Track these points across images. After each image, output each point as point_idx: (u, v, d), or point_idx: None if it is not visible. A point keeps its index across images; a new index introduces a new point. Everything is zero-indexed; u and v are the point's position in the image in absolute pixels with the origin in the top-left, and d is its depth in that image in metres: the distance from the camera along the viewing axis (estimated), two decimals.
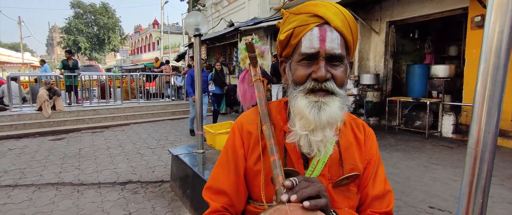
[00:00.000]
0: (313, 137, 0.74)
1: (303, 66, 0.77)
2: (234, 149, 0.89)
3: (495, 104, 0.69)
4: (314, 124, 0.73)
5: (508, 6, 0.66)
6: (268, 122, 0.84)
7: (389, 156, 4.72)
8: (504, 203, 3.02)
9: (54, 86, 7.88)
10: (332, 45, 0.75)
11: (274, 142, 0.79)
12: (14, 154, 5.27)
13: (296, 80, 0.78)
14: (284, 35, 0.80)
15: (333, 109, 0.74)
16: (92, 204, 3.27)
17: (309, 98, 0.74)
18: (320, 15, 0.76)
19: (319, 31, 0.75)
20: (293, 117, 0.78)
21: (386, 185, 0.88)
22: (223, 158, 0.91)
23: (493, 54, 0.68)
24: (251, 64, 1.07)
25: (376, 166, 0.88)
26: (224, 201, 0.85)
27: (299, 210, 0.60)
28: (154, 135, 6.87)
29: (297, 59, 0.78)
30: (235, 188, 0.86)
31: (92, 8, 41.78)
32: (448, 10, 6.25)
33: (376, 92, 7.38)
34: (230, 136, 0.93)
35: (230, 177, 0.87)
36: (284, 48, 0.83)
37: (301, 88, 0.76)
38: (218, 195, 0.86)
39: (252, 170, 0.87)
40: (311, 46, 0.75)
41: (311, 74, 0.75)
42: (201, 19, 3.34)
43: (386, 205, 0.85)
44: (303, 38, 0.76)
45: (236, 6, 13.21)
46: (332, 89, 0.75)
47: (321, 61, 0.75)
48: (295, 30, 0.78)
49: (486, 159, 0.71)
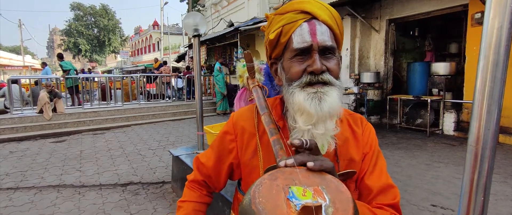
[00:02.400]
0: (315, 130, 0.73)
1: (297, 62, 0.76)
2: (223, 142, 0.93)
3: (495, 101, 0.68)
4: (316, 116, 0.71)
5: (507, 2, 0.65)
6: (267, 111, 0.83)
7: (391, 154, 4.71)
8: (507, 201, 3.01)
9: (55, 88, 7.89)
10: (324, 38, 0.75)
11: (272, 126, 0.78)
12: (16, 157, 5.28)
13: (292, 77, 0.77)
14: (273, 34, 0.80)
15: (334, 99, 0.73)
16: (94, 205, 3.27)
17: (307, 90, 0.74)
18: (307, 11, 0.77)
19: (309, 26, 0.76)
20: (293, 114, 0.76)
21: (388, 179, 0.85)
22: (215, 143, 0.97)
23: (493, 51, 0.67)
24: (249, 75, 1.08)
25: (375, 158, 0.86)
26: (205, 176, 0.97)
27: (304, 171, 0.58)
28: (155, 136, 6.87)
29: (290, 57, 0.78)
30: (216, 173, 0.95)
31: (92, 10, 41.81)
32: (448, 7, 6.23)
33: (377, 91, 7.36)
34: (224, 128, 0.95)
35: (214, 161, 0.94)
36: (273, 49, 0.83)
37: (297, 83, 0.75)
38: (202, 169, 0.97)
39: (248, 165, 0.87)
40: (303, 41, 0.75)
41: (306, 69, 0.75)
42: (199, 20, 3.33)
43: (391, 198, 0.82)
44: (293, 35, 0.76)
45: (235, 6, 13.20)
46: (329, 80, 0.74)
47: (315, 54, 0.74)
48: (284, 28, 0.78)
49: (487, 156, 0.71)
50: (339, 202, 0.53)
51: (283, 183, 0.55)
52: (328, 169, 0.60)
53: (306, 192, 0.53)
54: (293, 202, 0.51)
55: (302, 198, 0.51)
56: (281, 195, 0.52)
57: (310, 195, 0.52)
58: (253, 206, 0.50)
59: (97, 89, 9.75)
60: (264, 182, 0.55)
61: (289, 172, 0.58)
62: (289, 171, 0.58)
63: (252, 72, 1.08)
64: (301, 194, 0.52)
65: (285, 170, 0.58)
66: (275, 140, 0.73)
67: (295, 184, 0.55)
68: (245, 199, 0.54)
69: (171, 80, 11.18)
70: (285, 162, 0.60)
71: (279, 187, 0.54)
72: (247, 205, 0.52)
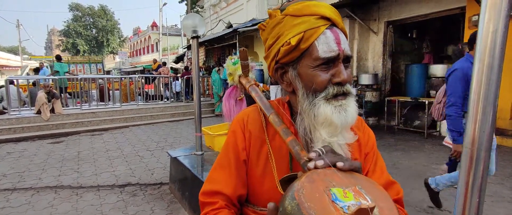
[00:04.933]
0: (338, 140, 0.73)
1: (322, 72, 0.74)
2: (236, 150, 0.85)
3: (490, 103, 0.69)
4: (341, 127, 0.72)
5: (501, 5, 0.66)
6: (274, 112, 0.82)
7: (389, 155, 4.72)
8: (503, 202, 3.03)
9: (52, 89, 7.87)
10: (346, 47, 0.75)
11: (284, 126, 0.77)
12: (13, 158, 5.25)
13: (316, 88, 0.74)
14: (295, 39, 0.73)
15: (353, 109, 0.74)
16: (91, 207, 3.26)
17: (333, 103, 0.73)
18: (327, 16, 0.74)
19: (333, 34, 0.73)
20: (315, 125, 0.74)
21: (389, 176, 0.87)
22: (224, 159, 0.86)
23: (487, 54, 0.68)
24: (243, 73, 1.05)
25: (375, 158, 0.88)
26: (224, 201, 0.82)
27: (336, 172, 0.57)
28: (153, 137, 6.86)
29: (313, 65, 0.74)
30: (236, 192, 0.83)
31: (90, 10, 41.73)
32: (446, 10, 6.26)
33: (375, 92, 7.39)
34: (230, 136, 0.87)
35: (232, 179, 0.83)
36: (288, 53, 0.76)
37: (323, 95, 0.74)
38: (216, 196, 0.82)
39: (259, 175, 0.83)
40: (331, 50, 0.72)
41: (331, 79, 0.74)
42: (198, 21, 3.34)
43: (395, 193, 0.83)
44: (317, 42, 0.73)
45: (234, 8, 13.22)
46: (349, 91, 0.75)
47: (340, 64, 0.74)
48: (305, 33, 0.73)
49: (482, 158, 0.71)
50: (381, 201, 0.53)
51: (323, 186, 0.53)
52: (357, 168, 0.61)
53: (346, 193, 0.52)
54: (338, 204, 0.50)
55: (345, 200, 0.51)
56: (325, 197, 0.51)
57: (352, 196, 0.52)
58: (304, 210, 0.48)
59: (95, 90, 9.73)
60: (305, 185, 0.53)
61: (324, 173, 0.57)
62: (323, 173, 0.57)
63: (246, 70, 1.04)
64: (343, 196, 0.51)
65: (319, 171, 0.57)
66: (292, 140, 0.73)
67: (334, 186, 0.54)
68: (291, 205, 0.51)
69: (169, 82, 11.17)
70: (315, 163, 0.59)
71: (320, 189, 0.52)
72: (295, 210, 0.50)
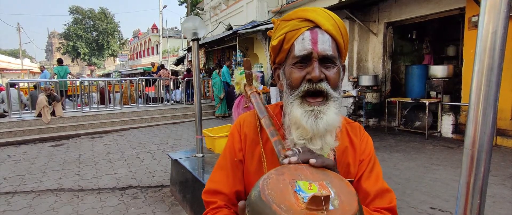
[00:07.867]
0: (312, 145, 0.75)
1: (298, 69, 0.79)
2: (233, 152, 0.89)
3: (490, 105, 0.69)
4: (312, 132, 0.74)
5: (501, 7, 0.66)
6: (267, 115, 0.86)
7: (389, 157, 4.71)
8: (505, 203, 3.02)
9: (53, 92, 7.88)
10: (324, 47, 0.77)
11: (272, 128, 0.80)
12: (14, 161, 5.26)
13: (292, 84, 0.79)
14: (276, 41, 0.82)
15: (330, 116, 0.75)
16: (92, 209, 3.26)
17: (304, 107, 0.76)
18: (311, 19, 0.78)
19: (311, 34, 0.78)
20: (289, 125, 0.79)
21: (384, 184, 0.87)
22: (222, 160, 0.91)
23: (487, 55, 0.68)
24: (247, 82, 1.11)
25: (371, 164, 0.88)
26: (223, 200, 0.86)
27: (308, 168, 0.61)
28: (154, 139, 6.86)
29: (291, 63, 0.80)
30: (233, 190, 0.87)
31: (91, 13, 41.85)
32: (445, 11, 6.27)
33: (375, 94, 7.39)
34: (229, 138, 0.93)
35: (229, 179, 0.87)
36: (277, 54, 0.85)
37: (296, 92, 0.78)
38: (216, 195, 0.86)
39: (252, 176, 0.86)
40: (304, 48, 0.77)
41: (306, 76, 0.77)
42: (198, 24, 3.35)
43: (388, 202, 0.84)
44: (296, 42, 0.79)
45: (234, 10, 13.23)
46: (326, 91, 0.76)
47: (315, 62, 0.77)
48: (287, 35, 0.80)
49: (483, 159, 0.71)
50: (344, 195, 0.55)
51: (290, 178, 0.57)
52: (329, 165, 0.64)
53: (312, 186, 0.55)
54: (300, 194, 0.53)
55: (309, 192, 0.54)
56: (289, 188, 0.54)
57: (316, 189, 0.55)
58: (263, 197, 0.52)
59: (96, 92, 9.74)
60: (272, 176, 0.57)
61: (295, 168, 0.60)
62: (294, 167, 0.60)
63: (250, 79, 1.10)
64: (307, 188, 0.55)
65: (290, 166, 0.61)
66: (276, 140, 0.76)
67: (301, 179, 0.57)
68: (253, 192, 0.55)
69: (169, 84, 11.18)
70: (289, 159, 0.62)
71: (286, 181, 0.56)
72: (256, 197, 0.53)
